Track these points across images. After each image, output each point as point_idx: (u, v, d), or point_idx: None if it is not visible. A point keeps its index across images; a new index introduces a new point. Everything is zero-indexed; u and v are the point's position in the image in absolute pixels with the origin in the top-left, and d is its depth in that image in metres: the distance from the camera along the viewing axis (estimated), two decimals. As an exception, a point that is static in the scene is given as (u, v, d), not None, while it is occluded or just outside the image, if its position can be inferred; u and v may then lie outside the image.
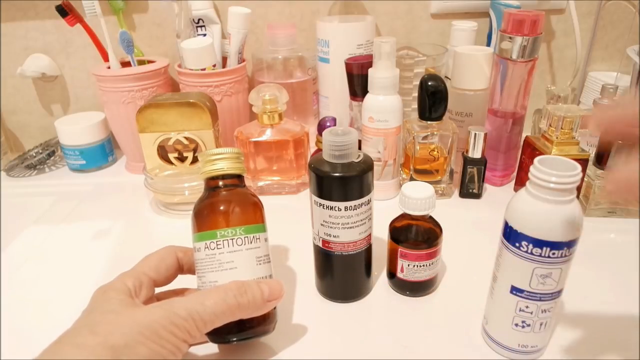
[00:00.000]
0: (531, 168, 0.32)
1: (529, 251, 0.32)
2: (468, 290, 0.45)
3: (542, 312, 0.34)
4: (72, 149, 0.72)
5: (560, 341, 0.39)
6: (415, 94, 0.59)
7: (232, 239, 0.36)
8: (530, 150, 0.59)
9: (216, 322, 0.33)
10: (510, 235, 0.33)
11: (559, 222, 0.31)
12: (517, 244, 0.33)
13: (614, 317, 0.42)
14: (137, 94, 0.67)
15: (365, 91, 0.58)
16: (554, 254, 0.32)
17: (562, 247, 0.31)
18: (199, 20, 0.70)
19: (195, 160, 0.61)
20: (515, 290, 0.34)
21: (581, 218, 0.31)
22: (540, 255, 0.32)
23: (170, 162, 0.61)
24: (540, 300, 0.34)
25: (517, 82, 0.58)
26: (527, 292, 0.34)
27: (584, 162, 0.54)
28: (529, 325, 0.35)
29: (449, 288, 0.46)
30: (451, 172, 0.61)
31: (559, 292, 0.34)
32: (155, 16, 0.75)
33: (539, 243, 0.32)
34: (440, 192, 0.61)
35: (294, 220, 0.51)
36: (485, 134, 0.58)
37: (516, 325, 0.35)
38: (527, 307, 0.34)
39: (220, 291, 0.33)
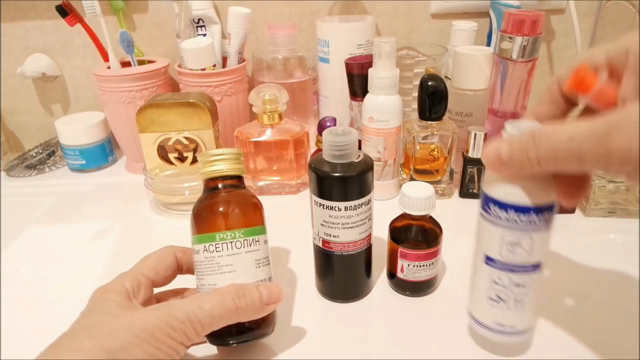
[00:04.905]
0: (502, 131, 0.31)
1: (497, 215, 0.32)
2: (468, 290, 0.45)
3: (515, 286, 0.34)
4: (72, 149, 0.72)
5: (560, 341, 0.39)
6: (415, 94, 0.59)
7: (232, 242, 0.36)
8: (530, 150, 0.59)
9: (214, 326, 0.33)
10: (483, 199, 0.33)
11: (527, 185, 0.30)
12: (486, 208, 0.33)
13: (614, 317, 0.42)
14: (137, 94, 0.67)
15: (365, 91, 0.58)
16: (520, 218, 0.31)
17: (528, 212, 0.31)
18: (199, 20, 0.70)
19: (195, 160, 0.61)
20: (488, 259, 0.34)
21: (550, 183, 0.30)
22: (507, 220, 0.31)
23: (170, 162, 0.61)
24: (511, 271, 0.33)
25: (517, 82, 0.58)
26: (499, 262, 0.33)
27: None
28: (503, 300, 0.34)
29: (449, 288, 0.46)
30: (451, 172, 0.61)
31: (534, 266, 0.33)
32: (155, 16, 0.75)
33: (505, 206, 0.31)
34: (440, 192, 0.61)
35: (294, 220, 0.51)
36: (485, 134, 0.58)
37: (491, 299, 0.35)
38: (499, 278, 0.34)
39: (219, 294, 0.33)
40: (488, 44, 0.72)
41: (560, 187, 0.30)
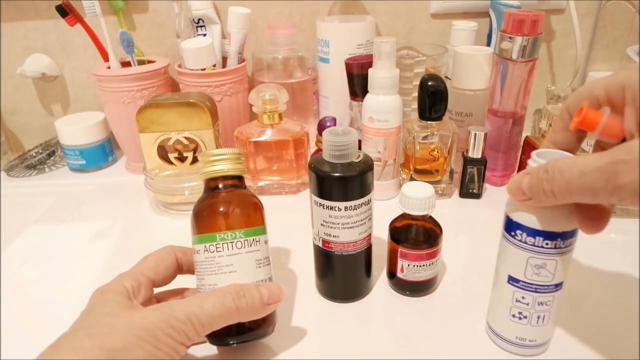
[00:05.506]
0: (529, 160, 0.32)
1: (523, 240, 0.33)
2: (468, 290, 0.45)
3: (538, 304, 0.34)
4: (72, 149, 0.72)
5: (560, 341, 0.39)
6: (415, 94, 0.59)
7: (232, 242, 0.36)
8: (530, 150, 0.59)
9: (214, 326, 0.33)
10: (507, 223, 0.34)
11: (552, 212, 0.31)
12: (512, 233, 0.33)
13: (614, 317, 0.42)
14: (137, 94, 0.67)
15: (365, 91, 0.58)
16: (547, 244, 0.32)
17: (555, 238, 0.31)
18: (199, 20, 0.70)
19: (195, 160, 0.61)
20: (512, 280, 0.35)
21: (574, 211, 0.31)
22: (533, 245, 0.32)
23: (170, 162, 0.61)
24: (536, 291, 0.34)
25: (517, 82, 0.58)
26: (523, 282, 0.34)
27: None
28: (525, 317, 0.35)
29: (449, 288, 0.46)
30: (451, 172, 0.61)
31: (557, 285, 0.34)
32: (155, 16, 0.75)
33: (532, 232, 0.32)
34: (440, 192, 0.61)
35: (294, 220, 0.51)
36: (485, 134, 0.58)
37: (513, 316, 0.36)
38: (523, 297, 0.34)
39: (219, 294, 0.33)
40: (488, 44, 0.72)
41: (581, 217, 0.31)
